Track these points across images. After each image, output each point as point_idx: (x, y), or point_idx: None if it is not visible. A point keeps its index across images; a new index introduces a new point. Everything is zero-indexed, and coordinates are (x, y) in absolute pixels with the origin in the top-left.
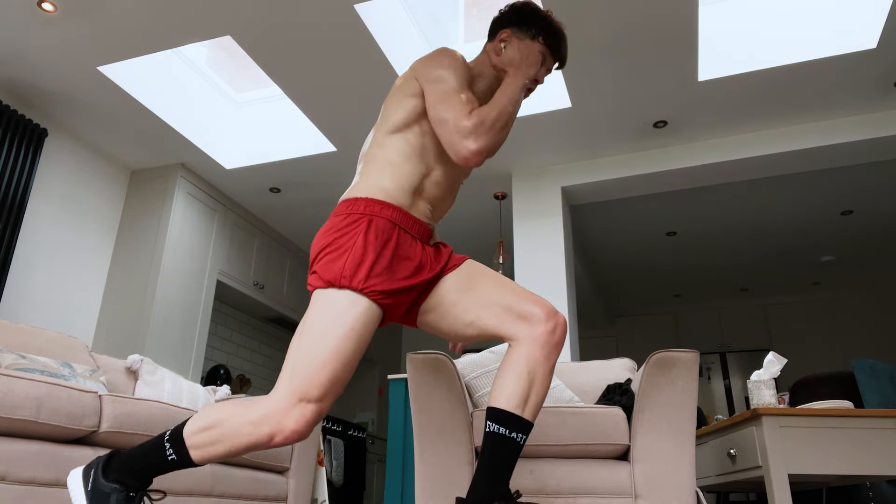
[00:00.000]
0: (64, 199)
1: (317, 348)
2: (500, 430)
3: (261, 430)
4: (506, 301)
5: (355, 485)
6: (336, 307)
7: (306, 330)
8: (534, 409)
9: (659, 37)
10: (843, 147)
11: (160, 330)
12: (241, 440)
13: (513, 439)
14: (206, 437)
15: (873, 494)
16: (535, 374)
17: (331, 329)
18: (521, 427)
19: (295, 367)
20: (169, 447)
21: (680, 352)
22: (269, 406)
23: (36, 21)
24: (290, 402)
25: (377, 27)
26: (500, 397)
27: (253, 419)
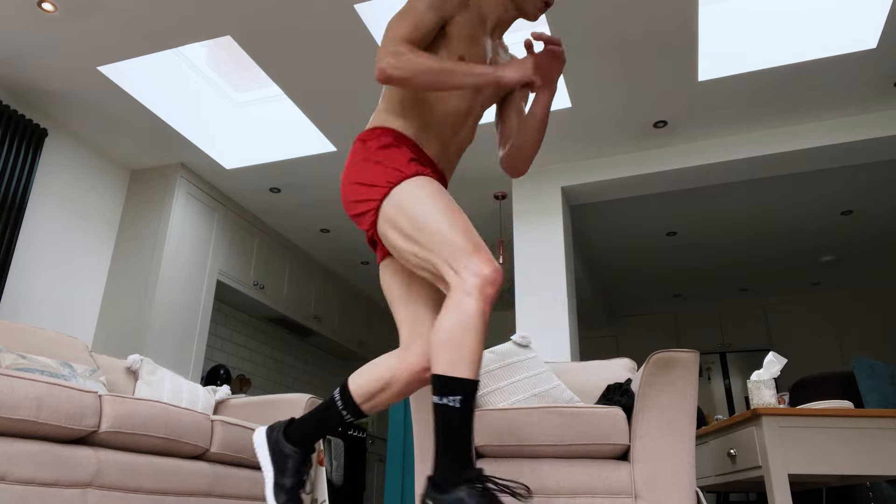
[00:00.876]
0: (64, 199)
1: (438, 229)
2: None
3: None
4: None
5: (355, 485)
6: (413, 191)
7: (418, 226)
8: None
9: (659, 37)
10: (843, 147)
11: (160, 330)
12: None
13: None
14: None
15: (873, 494)
16: (391, 384)
17: (432, 203)
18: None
19: (440, 250)
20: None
21: (680, 352)
22: (454, 282)
23: (36, 21)
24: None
25: (377, 27)
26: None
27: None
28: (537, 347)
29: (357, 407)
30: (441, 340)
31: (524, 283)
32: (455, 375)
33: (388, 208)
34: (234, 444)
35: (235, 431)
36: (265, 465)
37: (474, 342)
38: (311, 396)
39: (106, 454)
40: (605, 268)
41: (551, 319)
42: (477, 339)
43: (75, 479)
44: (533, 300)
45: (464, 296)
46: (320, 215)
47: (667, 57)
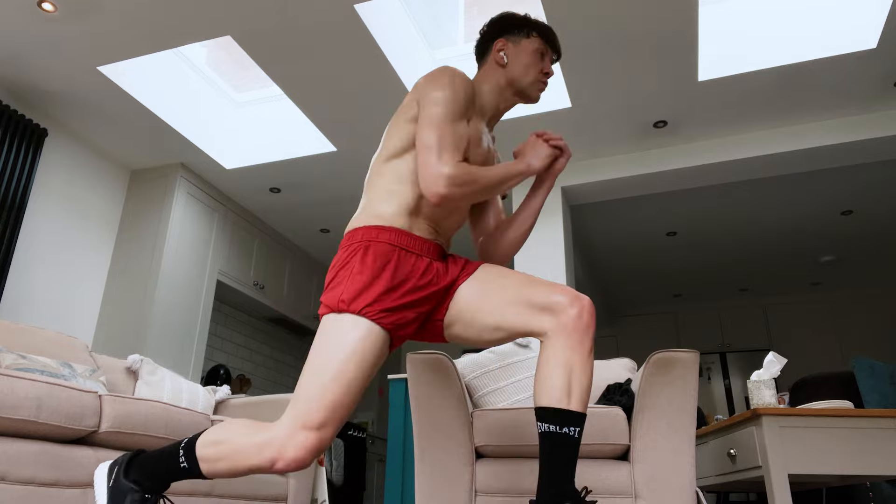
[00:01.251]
0: (64, 198)
1: (318, 374)
2: (551, 429)
3: (262, 454)
4: (526, 296)
5: (355, 485)
6: (337, 332)
7: (309, 357)
8: (580, 399)
9: (659, 37)
10: (843, 147)
11: (160, 330)
12: (244, 461)
13: (566, 434)
14: (213, 451)
15: (873, 494)
16: (573, 362)
17: (332, 354)
18: (571, 420)
19: (298, 393)
20: (182, 455)
21: (680, 352)
22: (273, 432)
23: (36, 21)
24: (292, 429)
25: (377, 27)
26: (543, 394)
27: (257, 442)
28: (537, 347)
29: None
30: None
31: None
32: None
33: (321, 324)
34: None
35: None
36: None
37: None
38: None
39: (106, 454)
40: (605, 268)
41: None
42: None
43: (75, 479)
44: None
45: (260, 442)
46: (320, 215)
47: (667, 57)
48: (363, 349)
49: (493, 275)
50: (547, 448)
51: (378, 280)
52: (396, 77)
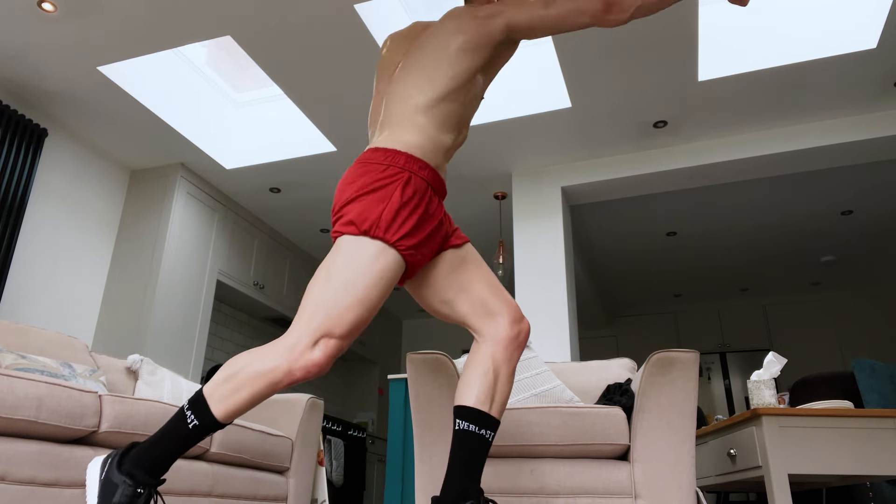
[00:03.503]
0: (64, 199)
1: (343, 294)
2: (469, 428)
3: (280, 366)
4: (484, 295)
5: (355, 485)
6: (365, 255)
7: (333, 274)
8: (500, 407)
9: (659, 37)
10: (843, 147)
11: (160, 330)
12: (263, 380)
13: (482, 436)
14: (227, 388)
15: (873, 494)
16: (500, 372)
17: (360, 276)
18: (489, 424)
19: (317, 309)
20: (190, 413)
21: (680, 352)
22: (291, 343)
23: (36, 21)
24: (313, 338)
25: (377, 27)
26: (468, 395)
27: (273, 358)
28: (537, 347)
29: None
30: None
31: (524, 283)
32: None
33: (345, 242)
34: (234, 444)
35: (235, 431)
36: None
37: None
38: (311, 396)
39: (106, 454)
40: (605, 268)
41: (551, 319)
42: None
43: (75, 479)
44: (533, 300)
45: (278, 354)
46: (320, 215)
47: (667, 57)
48: (389, 278)
49: (471, 258)
50: (461, 446)
51: (412, 216)
52: None
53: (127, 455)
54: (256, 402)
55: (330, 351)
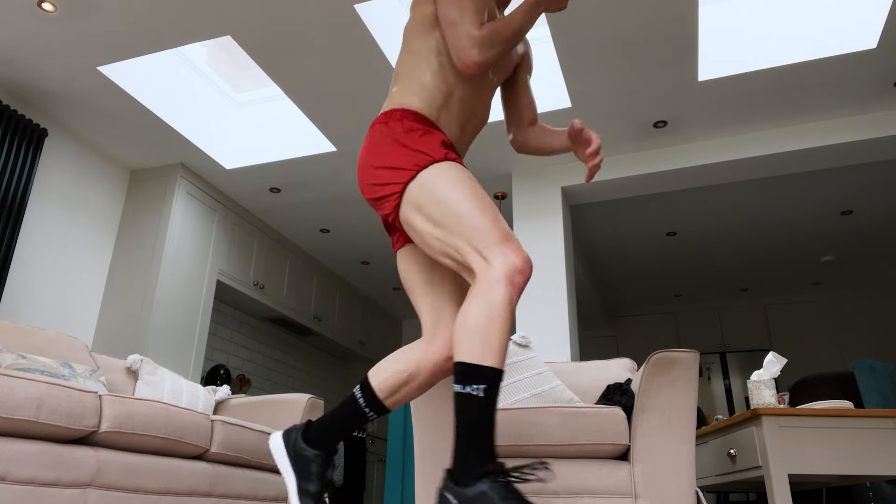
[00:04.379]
0: (64, 199)
1: (470, 214)
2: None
3: (503, 286)
4: (445, 308)
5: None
6: (443, 175)
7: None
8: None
9: (659, 37)
10: (843, 147)
11: (160, 330)
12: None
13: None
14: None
15: (873, 494)
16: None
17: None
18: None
19: (472, 235)
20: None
21: (680, 352)
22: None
23: (36, 21)
24: (495, 253)
25: (377, 27)
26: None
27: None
28: (537, 347)
29: (380, 403)
30: (468, 329)
31: None
32: (481, 363)
33: (414, 192)
34: (234, 445)
35: (235, 431)
36: (286, 471)
37: (501, 331)
38: (311, 396)
39: (106, 454)
40: (605, 268)
41: (551, 319)
42: (504, 329)
43: (75, 479)
44: (533, 300)
45: (492, 283)
46: (320, 215)
47: (667, 57)
48: (469, 176)
49: None
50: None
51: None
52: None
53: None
54: (509, 333)
55: (519, 249)
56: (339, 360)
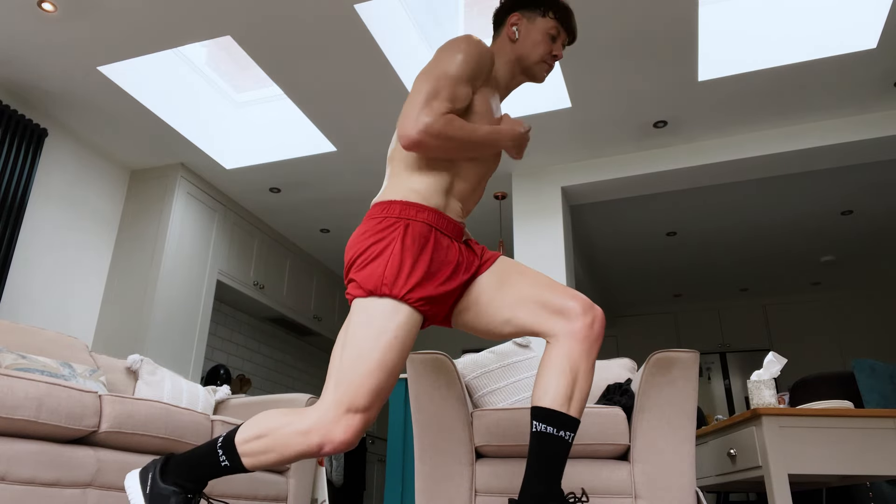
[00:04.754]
0: (64, 199)
1: (360, 359)
2: (547, 430)
3: (310, 439)
4: (541, 297)
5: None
6: (378, 317)
7: (348, 340)
8: (579, 406)
9: (659, 37)
10: (843, 147)
11: (160, 330)
12: (291, 449)
13: (561, 438)
14: (257, 445)
15: (873, 494)
16: (578, 369)
17: (374, 340)
18: (568, 425)
19: (339, 378)
20: (222, 454)
21: (680, 352)
22: (317, 417)
23: (36, 21)
24: (338, 413)
25: (377, 27)
26: (544, 396)
27: (302, 429)
28: (537, 347)
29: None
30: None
31: None
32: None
33: (355, 306)
34: None
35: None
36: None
37: (275, 460)
38: (311, 396)
39: (106, 454)
40: (605, 268)
41: None
42: (278, 460)
43: (75, 479)
44: None
45: (306, 426)
46: (320, 215)
47: (667, 57)
48: (405, 336)
49: (511, 269)
50: (539, 448)
51: (418, 264)
52: (396, 77)
53: (166, 468)
54: (284, 464)
55: (356, 427)
56: None
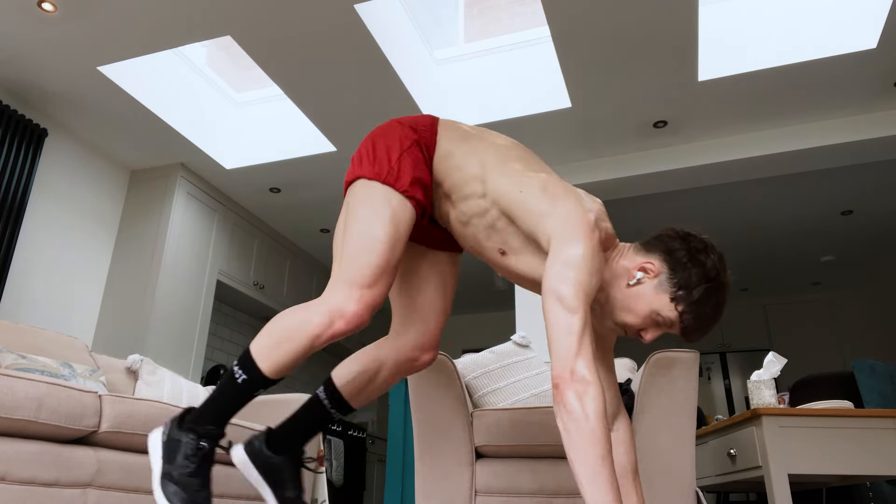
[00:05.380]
0: (64, 199)
1: (366, 235)
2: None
3: (323, 318)
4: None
5: (355, 485)
6: (379, 198)
7: (351, 220)
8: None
9: (659, 37)
10: (843, 147)
11: (160, 330)
12: (305, 332)
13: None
14: (269, 340)
15: (873, 494)
16: (377, 376)
17: (377, 216)
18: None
19: (345, 257)
20: (238, 369)
21: (680, 352)
22: (328, 297)
23: (36, 21)
24: (346, 289)
25: (377, 27)
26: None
27: (314, 311)
28: (537, 347)
29: (347, 404)
30: (274, 329)
31: None
32: (256, 360)
33: (355, 189)
34: None
35: (234, 431)
36: (260, 484)
37: (291, 350)
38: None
39: (106, 454)
40: None
41: None
42: (294, 351)
43: (75, 479)
44: (533, 300)
45: (317, 309)
46: (320, 215)
47: (667, 57)
48: (404, 219)
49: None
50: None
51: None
52: (396, 77)
53: (185, 416)
54: (300, 357)
55: (367, 301)
56: (339, 360)
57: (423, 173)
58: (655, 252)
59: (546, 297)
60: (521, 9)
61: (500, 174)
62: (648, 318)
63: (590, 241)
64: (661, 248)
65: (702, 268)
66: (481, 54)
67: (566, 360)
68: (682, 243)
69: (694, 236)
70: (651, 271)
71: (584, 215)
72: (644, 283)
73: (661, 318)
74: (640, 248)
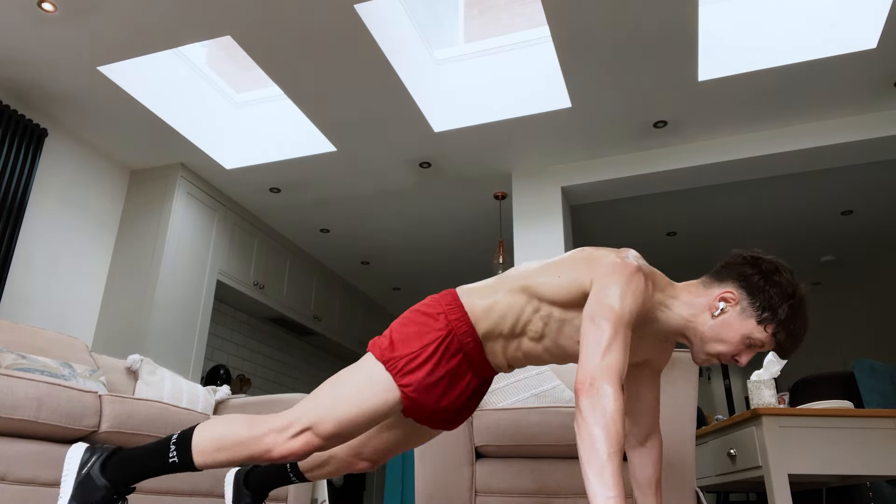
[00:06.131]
0: (64, 199)
1: (345, 398)
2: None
3: (264, 443)
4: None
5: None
6: (377, 382)
7: (343, 380)
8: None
9: (659, 37)
10: (843, 147)
11: (160, 330)
12: (243, 450)
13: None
14: (213, 444)
15: (873, 494)
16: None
17: (365, 392)
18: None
19: (317, 402)
20: (174, 449)
21: (680, 352)
22: (279, 423)
23: (36, 21)
24: (300, 426)
25: (377, 27)
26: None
27: (261, 432)
28: None
29: (302, 475)
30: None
31: None
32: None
33: (368, 357)
34: None
35: None
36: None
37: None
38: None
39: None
40: None
41: None
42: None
43: None
44: None
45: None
46: (320, 215)
47: (667, 57)
48: (388, 408)
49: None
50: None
51: (432, 376)
52: (396, 77)
53: (110, 460)
54: (234, 465)
55: (311, 446)
56: (339, 360)
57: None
58: (729, 280)
59: (583, 318)
60: (521, 9)
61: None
62: (741, 344)
63: (631, 275)
64: (734, 275)
65: (779, 287)
66: (481, 54)
67: (588, 370)
68: (753, 268)
69: (761, 258)
70: (732, 300)
71: (624, 259)
72: (728, 312)
73: (754, 341)
74: (712, 279)
